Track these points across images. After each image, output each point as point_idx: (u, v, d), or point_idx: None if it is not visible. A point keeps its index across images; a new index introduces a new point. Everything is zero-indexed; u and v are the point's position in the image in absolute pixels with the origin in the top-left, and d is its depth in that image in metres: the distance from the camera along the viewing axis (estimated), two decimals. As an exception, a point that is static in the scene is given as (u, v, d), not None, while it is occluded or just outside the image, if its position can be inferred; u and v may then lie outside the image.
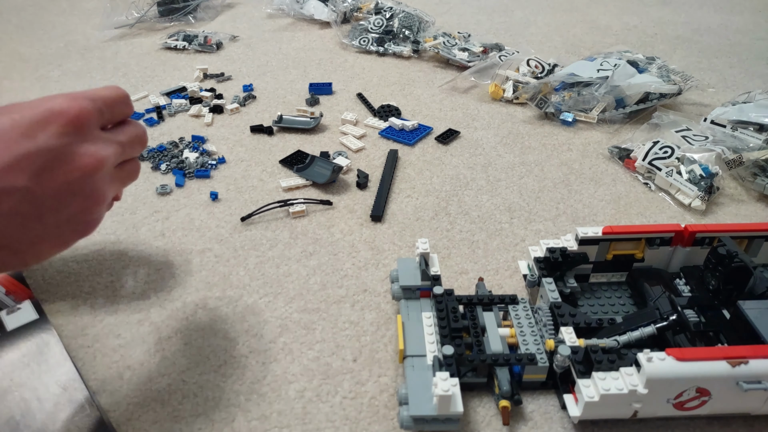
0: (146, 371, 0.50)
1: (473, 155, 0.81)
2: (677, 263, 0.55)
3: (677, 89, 0.91)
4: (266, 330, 0.54)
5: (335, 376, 0.50)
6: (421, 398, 0.44)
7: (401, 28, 1.14)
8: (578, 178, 0.77)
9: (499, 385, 0.46)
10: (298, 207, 0.69)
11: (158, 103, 0.93)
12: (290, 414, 0.47)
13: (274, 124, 0.86)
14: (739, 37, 1.24)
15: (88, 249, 0.64)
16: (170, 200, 0.72)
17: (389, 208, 0.71)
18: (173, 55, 1.13)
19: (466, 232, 0.67)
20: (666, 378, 0.41)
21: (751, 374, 0.41)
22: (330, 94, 0.97)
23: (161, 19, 1.27)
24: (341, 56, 1.12)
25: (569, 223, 0.69)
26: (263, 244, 0.65)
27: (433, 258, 0.54)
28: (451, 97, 0.97)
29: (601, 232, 0.53)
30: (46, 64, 1.08)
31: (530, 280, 0.54)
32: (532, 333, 0.49)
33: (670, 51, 1.17)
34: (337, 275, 0.61)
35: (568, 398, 0.45)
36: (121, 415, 0.47)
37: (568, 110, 0.89)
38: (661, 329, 0.48)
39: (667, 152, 0.75)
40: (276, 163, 0.79)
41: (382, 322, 0.55)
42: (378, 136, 0.85)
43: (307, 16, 1.28)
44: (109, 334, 0.54)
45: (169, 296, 0.58)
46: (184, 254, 0.63)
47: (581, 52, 1.14)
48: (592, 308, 0.54)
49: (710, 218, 0.70)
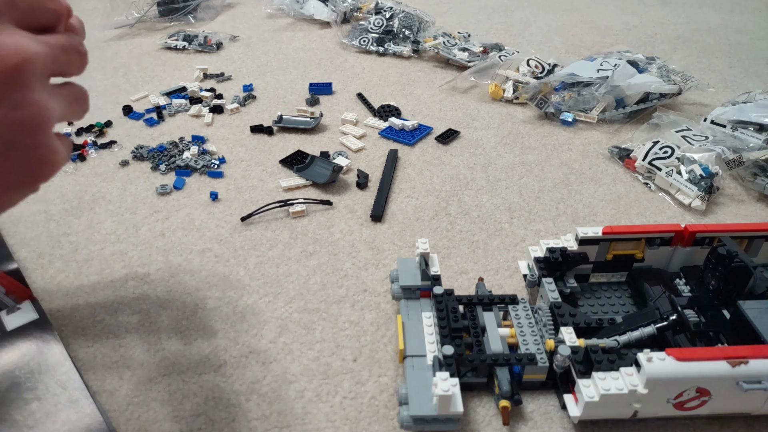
0: (146, 371, 0.50)
1: (473, 155, 0.81)
2: (677, 263, 0.55)
3: (677, 89, 0.91)
4: (266, 330, 0.54)
5: (335, 376, 0.50)
6: (421, 398, 0.44)
7: (401, 28, 1.14)
8: (578, 178, 0.77)
9: (499, 385, 0.46)
10: (298, 207, 0.69)
11: (158, 103, 0.93)
12: (290, 414, 0.47)
13: (274, 124, 0.86)
14: (739, 37, 1.24)
15: (89, 249, 0.64)
16: (170, 200, 0.72)
17: (389, 208, 0.71)
18: (173, 55, 1.13)
19: (466, 232, 0.67)
20: (666, 378, 0.41)
21: (751, 374, 0.41)
22: (330, 94, 0.97)
23: (161, 19, 1.27)
24: (341, 56, 1.12)
25: (569, 223, 0.69)
26: (263, 244, 0.65)
27: (433, 258, 0.54)
28: (451, 97, 0.97)
29: (601, 232, 0.53)
30: (46, 64, 1.08)
31: (530, 280, 0.54)
32: (532, 333, 0.49)
33: (670, 51, 1.17)
34: (337, 275, 0.61)
35: (568, 398, 0.45)
36: (121, 415, 0.47)
37: (568, 110, 0.89)
38: (661, 329, 0.48)
39: (667, 152, 0.75)
40: (276, 163, 0.79)
41: (382, 322, 0.55)
42: (378, 136, 0.85)
43: (307, 16, 1.28)
44: (109, 334, 0.54)
45: (169, 296, 0.58)
46: (184, 254, 0.63)
47: (581, 52, 1.14)
48: (592, 308, 0.54)
49: (710, 218, 0.70)
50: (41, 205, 0.71)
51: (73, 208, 0.70)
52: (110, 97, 0.96)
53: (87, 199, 0.72)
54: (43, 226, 0.68)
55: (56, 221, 0.68)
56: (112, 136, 0.85)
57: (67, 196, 0.73)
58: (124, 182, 0.75)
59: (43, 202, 0.72)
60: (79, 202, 0.72)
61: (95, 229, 0.67)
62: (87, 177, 0.76)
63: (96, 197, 0.72)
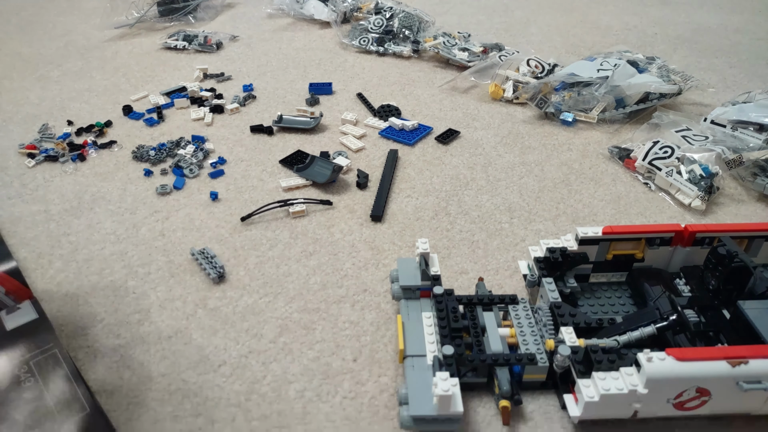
0: (146, 371, 0.50)
1: (473, 155, 0.81)
2: (677, 263, 0.55)
3: (677, 89, 0.91)
4: (266, 330, 0.54)
5: (335, 376, 0.50)
6: (421, 398, 0.44)
7: (401, 28, 1.14)
8: (578, 178, 0.77)
9: (499, 385, 0.46)
10: (298, 207, 0.69)
11: (158, 102, 0.93)
12: (290, 414, 0.47)
13: (274, 124, 0.86)
14: (739, 37, 1.24)
15: (89, 249, 0.64)
16: (170, 200, 0.72)
17: (389, 208, 0.71)
18: (173, 55, 1.13)
19: (466, 232, 0.67)
20: (666, 378, 0.41)
21: (751, 374, 0.41)
22: (330, 94, 0.97)
23: (161, 19, 1.27)
24: (341, 56, 1.12)
25: (569, 223, 0.69)
26: (263, 244, 0.65)
27: (433, 258, 0.54)
28: (451, 97, 0.97)
29: (601, 232, 0.53)
30: (46, 64, 1.08)
31: (530, 280, 0.54)
32: (532, 333, 0.49)
33: (670, 51, 1.17)
34: (337, 275, 0.61)
35: (568, 398, 0.45)
36: (121, 415, 0.47)
37: (568, 110, 0.89)
38: (661, 329, 0.48)
39: (667, 152, 0.75)
40: (276, 163, 0.79)
41: (382, 322, 0.55)
42: (378, 136, 0.85)
43: (307, 16, 1.28)
44: (109, 334, 0.54)
45: (169, 296, 0.58)
46: (184, 254, 0.63)
47: (581, 52, 1.14)
48: (592, 308, 0.54)
49: (710, 218, 0.70)
50: (41, 205, 0.71)
51: (73, 208, 0.70)
52: (110, 97, 0.96)
53: (87, 199, 0.72)
54: (43, 226, 0.68)
55: (56, 221, 0.68)
56: (112, 136, 0.85)
57: (67, 196, 0.73)
58: (124, 182, 0.75)
59: (43, 202, 0.72)
60: (79, 202, 0.72)
61: (95, 229, 0.67)
62: (87, 177, 0.76)
63: (96, 197, 0.72)
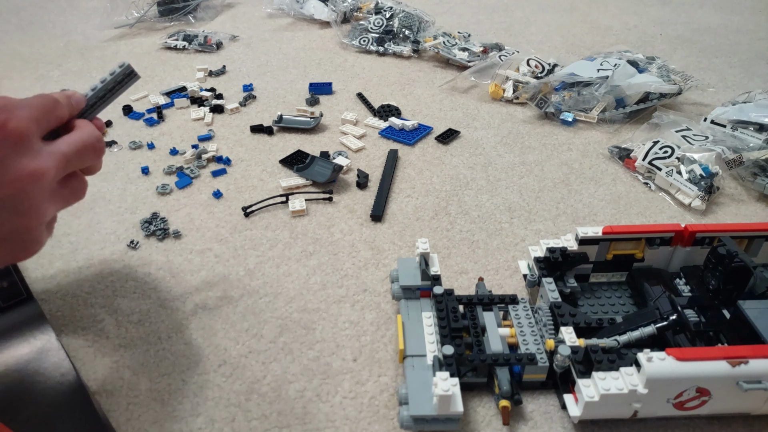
0: (146, 371, 0.50)
1: (473, 155, 0.81)
2: (677, 263, 0.55)
3: (677, 89, 0.91)
4: (266, 330, 0.54)
5: (335, 376, 0.50)
6: (421, 398, 0.44)
7: (401, 28, 1.14)
8: (578, 178, 0.77)
9: (499, 385, 0.46)
10: (299, 206, 0.69)
11: (158, 102, 0.93)
12: (290, 414, 0.47)
13: (274, 123, 0.86)
14: (739, 37, 1.24)
15: (89, 249, 0.64)
16: (170, 200, 0.72)
17: (389, 208, 0.71)
18: (173, 55, 1.13)
19: (466, 232, 0.67)
20: (666, 378, 0.41)
21: (751, 374, 0.41)
22: (330, 94, 0.97)
23: (161, 18, 1.27)
24: (341, 56, 1.12)
25: (569, 223, 0.69)
26: (263, 244, 0.65)
27: (433, 258, 0.54)
28: (451, 97, 0.97)
29: (601, 232, 0.53)
30: (46, 64, 1.08)
31: (530, 280, 0.54)
32: (532, 333, 0.49)
33: (670, 51, 1.17)
34: (337, 275, 0.61)
35: (568, 398, 0.45)
36: (121, 415, 0.47)
37: (568, 110, 0.89)
38: (661, 329, 0.48)
39: (667, 152, 0.75)
40: (276, 163, 0.79)
41: (382, 322, 0.55)
42: (378, 136, 0.85)
43: (307, 15, 1.28)
44: (109, 334, 0.54)
45: (169, 296, 0.58)
46: (184, 254, 0.63)
47: (581, 52, 1.14)
48: (592, 308, 0.54)
49: (710, 218, 0.70)
50: (41, 205, 0.71)
51: (73, 208, 0.70)
52: (110, 97, 0.96)
53: (87, 199, 0.72)
54: (43, 226, 0.67)
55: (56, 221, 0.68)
56: (112, 136, 0.85)
57: (67, 196, 0.72)
58: (124, 182, 0.75)
59: (43, 202, 0.71)
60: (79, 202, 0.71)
61: (95, 229, 0.67)
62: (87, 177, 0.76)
63: (96, 197, 0.72)
